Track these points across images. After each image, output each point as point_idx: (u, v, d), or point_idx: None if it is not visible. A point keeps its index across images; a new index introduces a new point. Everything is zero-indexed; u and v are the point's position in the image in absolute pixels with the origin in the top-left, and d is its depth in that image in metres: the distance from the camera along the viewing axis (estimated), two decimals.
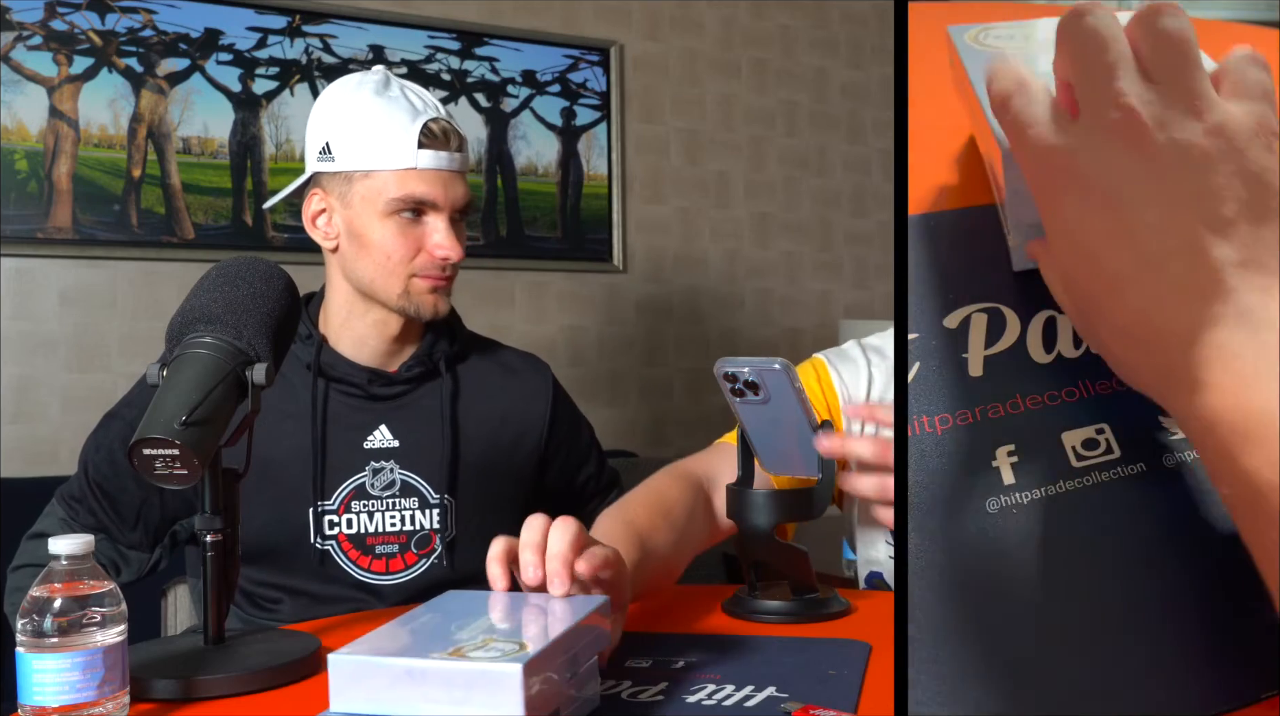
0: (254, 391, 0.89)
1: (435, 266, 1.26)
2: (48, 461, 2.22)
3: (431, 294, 1.28)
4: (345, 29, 2.51)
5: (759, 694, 0.80)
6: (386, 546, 1.28)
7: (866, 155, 3.21)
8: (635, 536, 1.04)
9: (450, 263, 1.26)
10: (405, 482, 1.29)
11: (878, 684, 0.83)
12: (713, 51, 2.99)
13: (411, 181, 1.24)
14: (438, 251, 1.25)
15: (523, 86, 2.72)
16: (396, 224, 1.24)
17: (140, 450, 0.82)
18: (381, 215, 1.24)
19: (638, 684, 0.83)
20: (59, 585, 0.74)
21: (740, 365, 0.94)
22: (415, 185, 1.24)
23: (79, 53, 2.27)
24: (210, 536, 0.91)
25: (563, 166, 2.77)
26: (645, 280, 2.89)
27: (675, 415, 2.93)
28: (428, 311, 1.28)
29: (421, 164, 1.23)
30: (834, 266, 3.17)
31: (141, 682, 0.82)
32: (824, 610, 1.04)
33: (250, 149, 2.43)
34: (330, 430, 1.27)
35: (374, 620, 1.11)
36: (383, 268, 1.26)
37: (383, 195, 1.24)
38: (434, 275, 1.27)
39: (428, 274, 1.27)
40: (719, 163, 3.00)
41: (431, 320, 1.30)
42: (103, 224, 2.29)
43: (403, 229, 1.25)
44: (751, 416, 0.99)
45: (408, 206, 1.24)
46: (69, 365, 2.27)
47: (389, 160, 1.23)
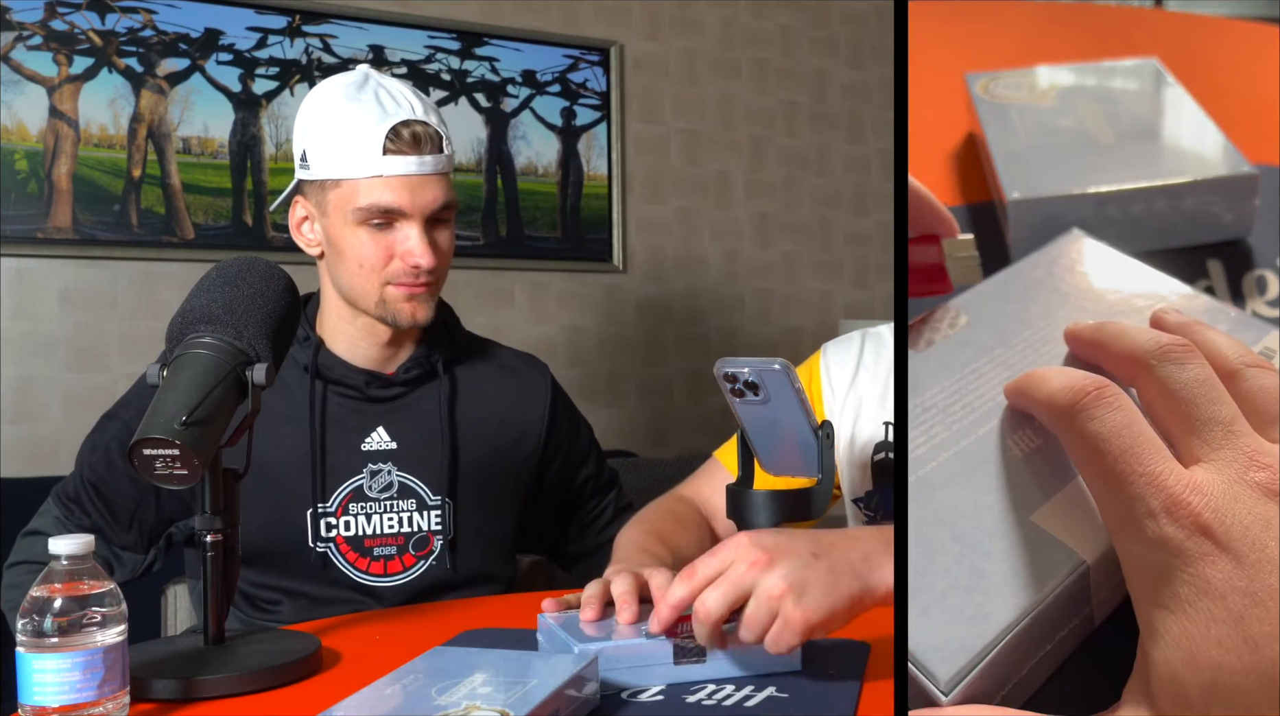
0: (254, 391, 0.89)
1: (408, 274, 1.23)
2: (48, 461, 2.22)
3: (408, 302, 1.25)
4: (345, 29, 2.51)
5: (759, 694, 0.80)
6: (385, 548, 1.28)
7: (866, 155, 3.21)
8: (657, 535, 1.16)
9: (423, 269, 1.23)
10: (403, 484, 1.29)
11: (878, 684, 0.83)
12: (713, 51, 2.99)
13: (377, 189, 1.20)
14: (409, 259, 1.22)
15: (523, 86, 2.72)
16: (368, 232, 1.22)
17: (140, 450, 0.82)
18: (352, 224, 1.22)
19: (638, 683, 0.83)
20: (59, 585, 0.74)
21: (740, 365, 0.94)
22: (381, 193, 1.20)
23: (79, 53, 2.27)
24: (210, 536, 0.91)
25: (563, 166, 2.77)
26: (645, 280, 2.89)
27: (675, 415, 2.93)
28: (405, 320, 1.25)
29: (387, 170, 1.20)
30: (834, 266, 3.17)
31: (141, 682, 0.82)
32: None
33: (250, 149, 2.43)
34: (328, 432, 1.27)
35: (374, 620, 1.11)
36: (357, 276, 1.24)
37: (351, 204, 1.21)
38: (408, 283, 1.24)
39: (401, 282, 1.24)
40: (719, 163, 3.00)
41: (411, 327, 1.28)
42: (103, 224, 2.29)
43: (374, 237, 1.22)
44: (751, 417, 0.98)
45: (375, 215, 1.21)
46: (69, 365, 2.27)
47: (354, 168, 1.20)
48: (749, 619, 0.79)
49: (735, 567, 0.80)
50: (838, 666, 0.86)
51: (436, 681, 0.74)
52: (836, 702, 0.78)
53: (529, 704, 0.69)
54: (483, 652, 0.83)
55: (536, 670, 0.76)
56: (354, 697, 0.73)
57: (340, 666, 0.93)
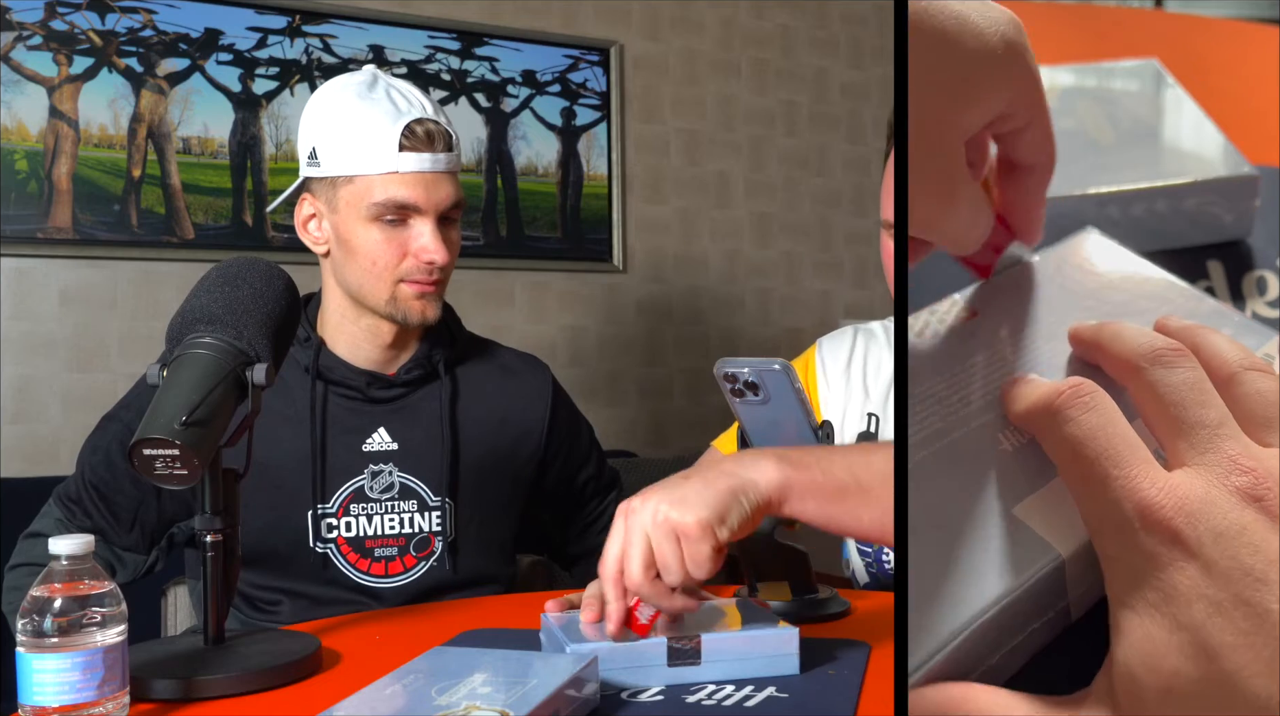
0: (254, 392, 0.89)
1: (421, 270, 1.24)
2: (48, 461, 2.22)
3: (419, 300, 1.26)
4: (345, 29, 2.51)
5: (759, 694, 0.80)
6: (385, 549, 1.28)
7: (866, 155, 3.21)
8: None
9: (437, 266, 1.25)
10: (404, 485, 1.29)
11: (878, 684, 0.83)
12: (713, 51, 2.99)
13: (393, 185, 1.22)
14: (423, 255, 1.23)
15: (523, 86, 2.72)
16: (381, 229, 1.23)
17: (140, 450, 0.82)
18: (365, 220, 1.23)
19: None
20: (59, 585, 0.74)
21: (740, 365, 0.94)
22: (397, 189, 1.22)
23: (79, 53, 2.27)
24: (210, 536, 0.91)
25: (563, 166, 2.77)
26: (645, 280, 2.89)
27: (675, 415, 2.93)
28: (415, 318, 1.27)
29: (403, 167, 1.21)
30: (834, 266, 3.17)
31: (141, 682, 0.82)
32: (824, 610, 1.04)
33: (250, 149, 2.43)
34: (329, 433, 1.27)
35: (374, 620, 1.11)
36: (369, 273, 1.24)
37: (365, 200, 1.22)
38: (420, 280, 1.25)
39: (414, 279, 1.25)
40: (719, 163, 3.00)
41: (420, 326, 1.29)
42: (103, 224, 2.29)
43: (387, 234, 1.23)
44: (751, 417, 0.99)
45: (390, 211, 1.22)
46: (69, 365, 2.27)
47: (370, 164, 1.21)
48: (658, 558, 0.81)
49: (623, 530, 0.83)
50: (838, 666, 0.86)
51: (436, 681, 0.74)
52: (836, 702, 0.78)
53: (529, 704, 0.69)
54: (483, 652, 0.83)
55: (536, 670, 0.76)
56: (354, 697, 0.73)
57: (340, 666, 0.93)
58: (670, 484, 0.85)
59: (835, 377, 1.33)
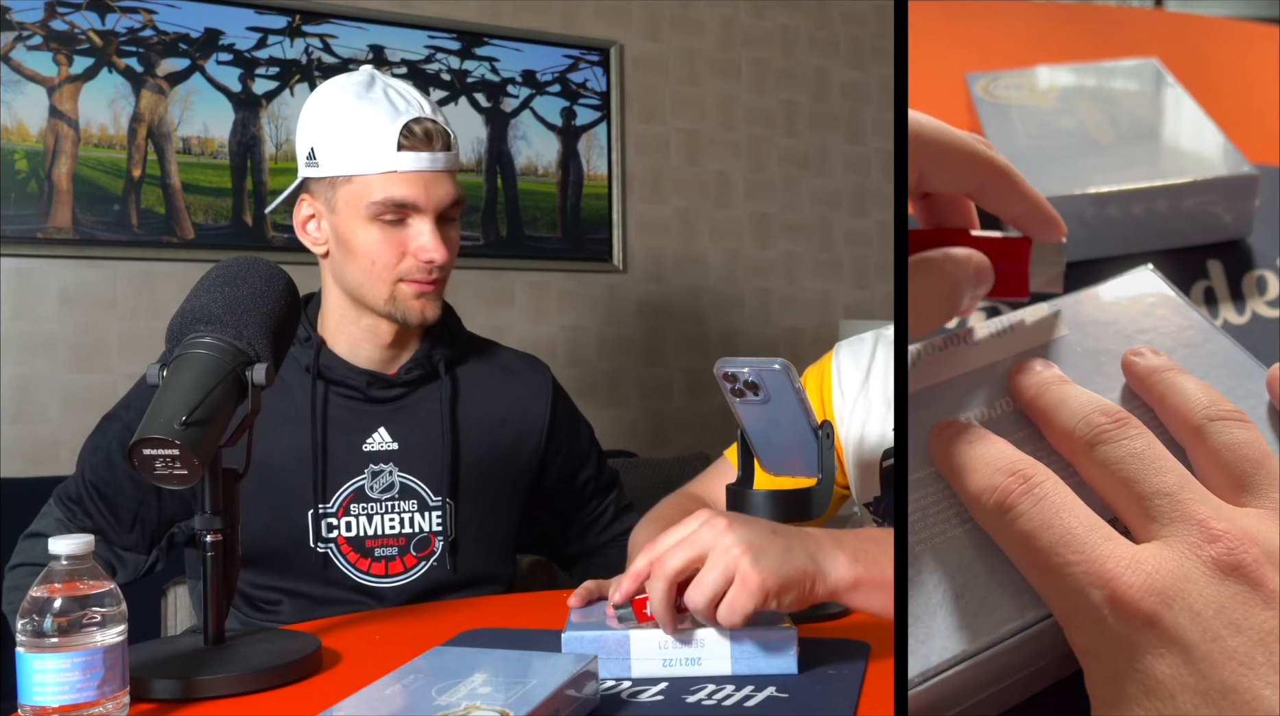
0: (254, 391, 0.89)
1: (421, 270, 1.24)
2: (48, 461, 2.22)
3: (418, 300, 1.26)
4: (345, 29, 2.51)
5: (759, 694, 0.80)
6: (386, 549, 1.28)
7: (866, 155, 3.21)
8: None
9: (436, 265, 1.24)
10: (404, 485, 1.29)
11: (878, 684, 0.83)
12: (713, 51, 2.99)
13: (392, 184, 1.22)
14: (422, 254, 1.23)
15: (523, 86, 2.72)
16: (380, 228, 1.23)
17: (140, 450, 0.82)
18: (365, 220, 1.23)
19: (638, 684, 0.83)
20: (59, 585, 0.74)
21: (740, 365, 0.94)
22: (396, 188, 1.22)
23: (79, 53, 2.27)
24: (210, 536, 0.91)
25: (563, 166, 2.77)
26: (645, 280, 2.89)
27: (675, 415, 2.93)
28: (415, 317, 1.27)
29: (402, 166, 1.21)
30: (834, 266, 3.17)
31: (141, 682, 0.82)
32: (824, 610, 1.04)
33: (250, 149, 2.43)
34: (329, 433, 1.27)
35: (374, 620, 1.11)
36: (368, 273, 1.25)
37: (364, 199, 1.22)
38: (420, 279, 1.25)
39: (413, 278, 1.25)
40: (719, 163, 3.00)
41: (420, 326, 1.29)
42: (103, 224, 2.29)
43: (386, 233, 1.23)
44: (751, 417, 0.98)
45: (389, 210, 1.22)
46: (69, 365, 2.27)
47: (369, 164, 1.21)
48: (703, 577, 0.81)
49: (696, 531, 0.83)
50: (838, 666, 0.86)
51: (436, 681, 0.74)
52: (836, 702, 0.78)
53: (529, 704, 0.69)
54: (483, 652, 0.83)
55: (536, 670, 0.76)
56: (354, 697, 0.73)
57: (340, 666, 0.93)
58: (760, 530, 0.84)
59: (851, 390, 1.29)
